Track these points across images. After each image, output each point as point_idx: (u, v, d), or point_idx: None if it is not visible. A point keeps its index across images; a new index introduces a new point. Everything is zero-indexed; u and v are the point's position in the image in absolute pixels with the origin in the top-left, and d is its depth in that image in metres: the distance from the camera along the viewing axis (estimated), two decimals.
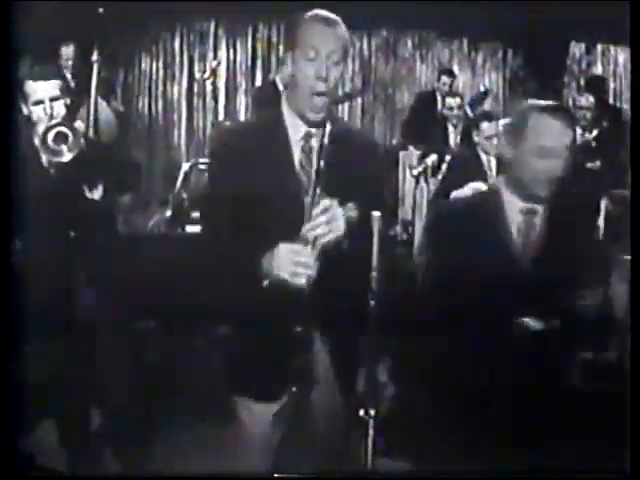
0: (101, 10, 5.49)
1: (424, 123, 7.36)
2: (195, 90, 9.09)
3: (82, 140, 2.98)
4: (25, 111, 3.09)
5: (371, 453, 2.35)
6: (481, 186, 5.04)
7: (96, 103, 5.50)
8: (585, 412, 3.75)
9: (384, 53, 9.23)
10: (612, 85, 8.69)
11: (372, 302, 2.28)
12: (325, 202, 2.10)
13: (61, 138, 2.91)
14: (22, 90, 3.07)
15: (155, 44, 9.08)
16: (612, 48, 8.85)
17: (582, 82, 8.34)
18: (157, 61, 9.07)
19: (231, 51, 9.19)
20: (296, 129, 2.25)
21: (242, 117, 8.97)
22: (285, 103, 2.27)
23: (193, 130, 9.16)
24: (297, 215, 2.15)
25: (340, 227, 2.11)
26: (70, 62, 6.41)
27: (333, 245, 2.12)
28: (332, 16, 2.23)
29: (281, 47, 9.15)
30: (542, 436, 3.78)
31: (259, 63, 9.22)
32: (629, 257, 3.37)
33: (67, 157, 2.93)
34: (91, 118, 5.51)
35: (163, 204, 5.52)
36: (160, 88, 9.12)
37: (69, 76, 6.38)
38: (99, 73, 5.35)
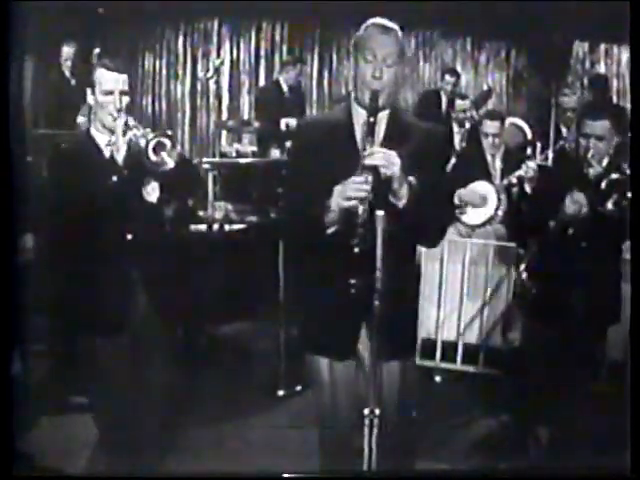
0: (101, 10, 5.54)
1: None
2: (198, 89, 9.09)
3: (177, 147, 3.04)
4: (90, 100, 3.09)
5: (375, 451, 2.38)
6: (485, 186, 5.06)
7: None
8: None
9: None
10: (615, 84, 8.67)
11: (376, 302, 2.32)
12: (381, 148, 2.45)
13: (160, 147, 2.94)
14: (91, 77, 3.07)
15: (159, 43, 9.07)
16: (615, 47, 8.84)
17: (585, 81, 8.32)
18: (160, 60, 9.07)
19: (235, 50, 9.19)
20: (358, 115, 2.60)
21: (245, 116, 8.98)
22: (353, 96, 2.64)
23: (196, 129, 9.17)
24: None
25: (395, 166, 2.40)
26: (69, 62, 6.43)
27: (386, 182, 2.40)
28: (389, 24, 2.57)
29: (285, 47, 9.16)
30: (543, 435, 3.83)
31: (262, 62, 9.23)
32: (629, 257, 3.38)
33: (170, 164, 2.96)
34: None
35: (166, 203, 5.54)
36: (164, 87, 9.12)
37: (68, 74, 6.40)
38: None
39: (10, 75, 2.80)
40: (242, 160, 6.61)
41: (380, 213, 2.31)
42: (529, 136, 5.87)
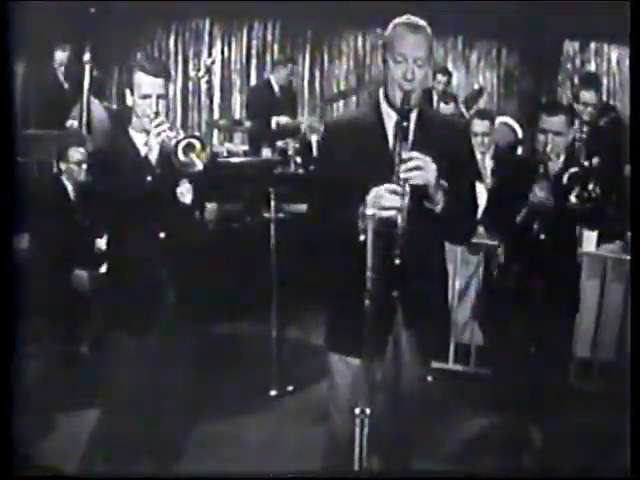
0: (93, 10, 5.52)
1: None
2: (190, 88, 9.09)
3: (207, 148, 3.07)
4: (129, 102, 3.14)
5: (366, 451, 2.38)
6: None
7: (89, 102, 5.52)
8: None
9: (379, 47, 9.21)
10: (605, 83, 8.69)
11: (367, 302, 2.31)
12: (418, 154, 2.40)
13: (189, 149, 2.99)
14: (131, 80, 3.12)
15: (150, 43, 9.06)
16: (605, 46, 8.85)
17: (576, 80, 8.34)
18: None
19: (226, 50, 9.19)
20: (389, 116, 2.58)
21: (237, 115, 8.97)
22: (382, 95, 2.60)
23: (188, 128, 9.15)
24: (391, 177, 2.40)
25: (431, 175, 2.38)
26: (63, 67, 6.41)
27: (423, 190, 2.39)
28: (419, 22, 2.53)
29: (276, 46, 9.16)
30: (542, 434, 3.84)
31: (254, 62, 9.22)
32: (629, 257, 3.42)
33: (199, 166, 3.00)
34: (84, 117, 5.54)
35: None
36: None
37: (61, 77, 6.38)
38: (91, 73, 5.37)
39: (10, 76, 2.83)
40: (233, 159, 6.59)
41: (369, 212, 2.31)
42: (520, 135, 5.89)
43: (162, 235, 3.17)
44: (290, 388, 4.61)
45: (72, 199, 4.56)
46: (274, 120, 7.09)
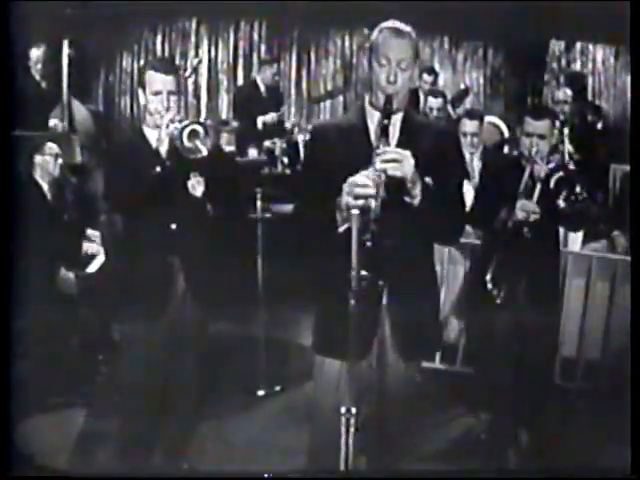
0: (69, 10, 5.52)
1: None
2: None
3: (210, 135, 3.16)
4: (142, 100, 3.28)
5: (352, 451, 2.39)
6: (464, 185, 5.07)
7: (70, 103, 5.51)
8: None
9: (365, 51, 9.23)
10: (590, 82, 8.74)
11: (352, 302, 2.32)
12: (395, 148, 2.46)
13: (194, 135, 3.06)
14: (142, 79, 3.26)
15: (137, 43, 9.04)
16: (591, 46, 8.91)
17: (561, 79, 8.39)
18: (138, 60, 9.03)
19: (213, 49, 9.18)
20: (372, 119, 2.63)
21: (224, 115, 8.96)
22: (367, 98, 2.65)
23: None
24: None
25: (407, 166, 2.40)
26: (39, 64, 6.37)
27: (400, 183, 2.41)
28: (403, 27, 2.56)
29: (263, 46, 9.16)
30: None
31: (241, 62, 9.21)
32: (629, 257, 3.44)
33: (204, 151, 3.07)
34: (66, 117, 5.52)
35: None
36: None
37: (38, 77, 6.35)
38: (70, 73, 5.35)
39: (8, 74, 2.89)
40: None
41: (355, 212, 2.32)
42: (506, 134, 5.90)
43: (174, 226, 3.25)
44: (278, 388, 4.62)
45: (49, 199, 4.49)
46: (259, 120, 7.09)
